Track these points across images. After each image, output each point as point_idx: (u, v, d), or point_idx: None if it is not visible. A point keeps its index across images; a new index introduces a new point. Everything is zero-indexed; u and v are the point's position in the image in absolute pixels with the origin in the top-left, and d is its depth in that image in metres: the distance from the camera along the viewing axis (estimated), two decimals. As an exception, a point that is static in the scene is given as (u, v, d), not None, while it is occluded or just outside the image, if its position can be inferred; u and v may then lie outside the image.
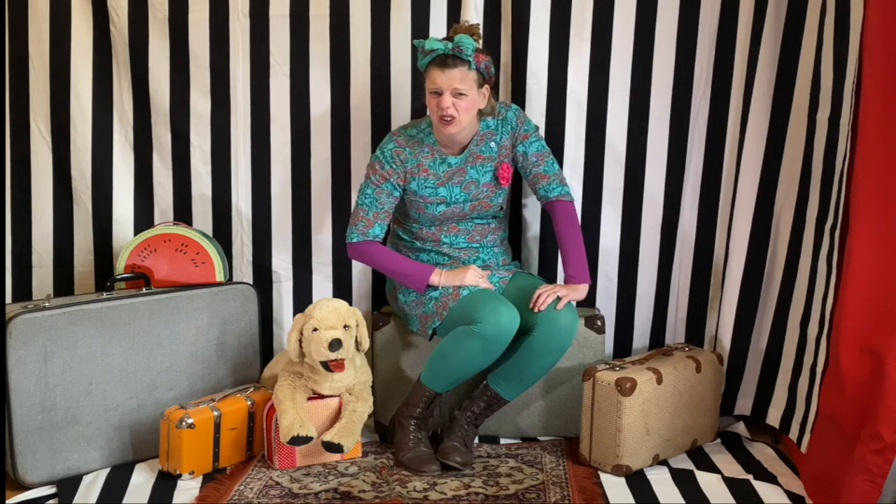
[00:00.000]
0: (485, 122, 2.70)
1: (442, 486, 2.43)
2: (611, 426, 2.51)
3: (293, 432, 2.47)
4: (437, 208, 2.69)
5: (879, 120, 2.14)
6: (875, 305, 2.12)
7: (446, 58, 2.51)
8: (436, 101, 2.55)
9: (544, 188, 2.70)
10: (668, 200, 2.91)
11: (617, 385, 2.49)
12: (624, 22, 2.82)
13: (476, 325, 2.45)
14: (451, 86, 2.52)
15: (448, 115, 2.54)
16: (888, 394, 2.00)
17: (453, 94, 2.53)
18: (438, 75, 2.52)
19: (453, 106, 2.53)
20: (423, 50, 2.54)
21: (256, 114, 2.95)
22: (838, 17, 2.34)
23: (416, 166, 2.66)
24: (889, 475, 2.00)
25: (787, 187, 2.68)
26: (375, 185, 2.66)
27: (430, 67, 2.54)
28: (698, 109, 2.85)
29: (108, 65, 2.95)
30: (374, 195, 2.66)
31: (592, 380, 2.55)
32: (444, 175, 2.67)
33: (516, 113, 2.73)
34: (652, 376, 2.54)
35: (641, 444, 2.54)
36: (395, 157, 2.66)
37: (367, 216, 2.66)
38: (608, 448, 2.52)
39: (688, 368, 2.64)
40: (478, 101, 2.59)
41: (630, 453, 2.51)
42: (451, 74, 2.51)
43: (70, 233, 3.01)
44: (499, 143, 2.71)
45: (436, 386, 2.59)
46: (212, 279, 2.76)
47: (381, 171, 2.66)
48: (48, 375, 2.46)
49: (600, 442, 2.54)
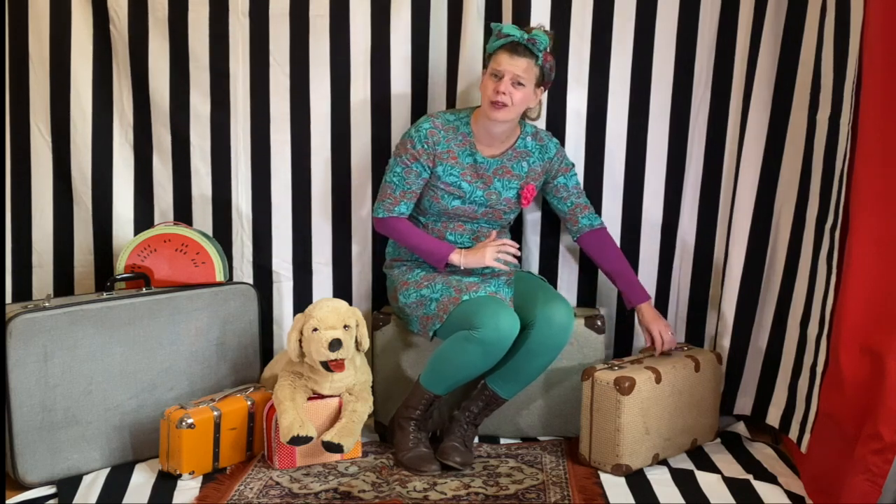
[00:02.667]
0: (523, 140, 2.73)
1: (442, 486, 2.43)
2: (610, 426, 2.51)
3: (293, 432, 2.47)
4: (452, 201, 2.69)
5: (879, 120, 2.14)
6: (875, 305, 2.12)
7: (518, 45, 2.54)
8: (494, 85, 2.56)
9: (588, 217, 2.78)
10: (668, 200, 2.91)
11: (616, 384, 2.49)
12: (624, 21, 2.82)
13: (476, 331, 2.45)
14: (515, 73, 2.55)
15: (502, 100, 2.55)
16: (888, 394, 2.00)
17: (513, 81, 2.55)
18: (506, 59, 2.55)
19: (510, 93, 2.55)
20: (498, 33, 2.57)
21: (256, 114, 2.95)
22: (838, 17, 2.34)
23: (446, 151, 2.67)
24: (889, 475, 2.00)
25: (787, 187, 2.68)
26: (405, 164, 2.67)
27: (499, 51, 2.56)
28: (698, 109, 2.85)
29: (108, 65, 2.95)
30: (403, 174, 2.68)
31: (591, 379, 2.56)
32: (468, 168, 2.68)
33: (557, 146, 2.78)
34: (651, 375, 2.54)
35: (641, 444, 2.54)
36: (430, 137, 2.67)
37: (395, 194, 2.69)
38: (608, 447, 2.52)
39: (687, 368, 2.65)
40: (531, 99, 2.62)
41: (630, 452, 2.51)
42: (518, 62, 2.54)
43: (70, 233, 3.01)
44: (530, 165, 2.73)
45: (435, 388, 2.59)
46: (212, 279, 2.76)
47: (413, 150, 2.67)
48: (48, 375, 2.46)
49: (600, 441, 2.54)
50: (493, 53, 2.58)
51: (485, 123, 2.66)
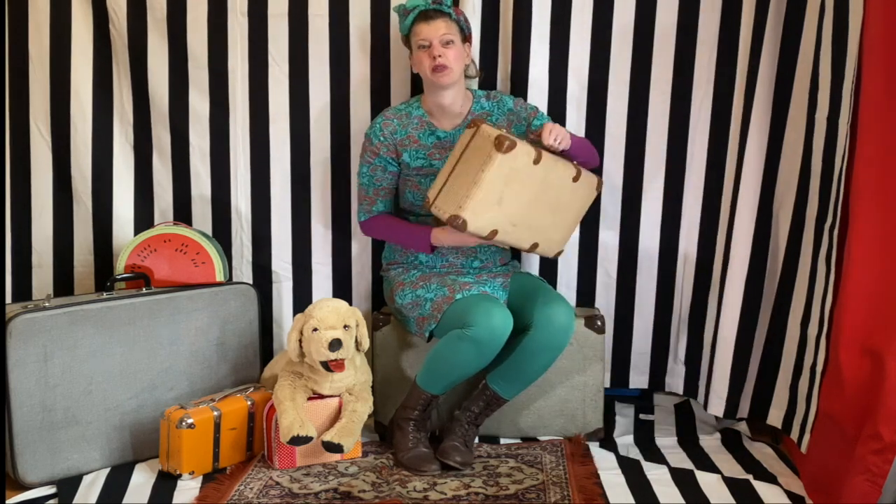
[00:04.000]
0: (478, 103, 2.74)
1: (442, 486, 2.43)
2: (469, 177, 2.42)
3: (293, 432, 2.47)
4: (430, 184, 2.69)
5: (879, 120, 2.14)
6: (875, 305, 2.12)
7: (428, 12, 2.61)
8: (426, 53, 2.61)
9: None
10: (669, 200, 2.91)
11: (496, 140, 2.39)
12: (624, 22, 2.82)
13: (469, 329, 2.45)
14: (439, 35, 2.60)
15: (440, 63, 2.59)
16: (888, 394, 2.00)
17: (442, 42, 2.60)
18: (424, 28, 2.61)
19: (444, 54, 2.59)
20: (404, 11, 2.63)
21: (255, 114, 2.95)
22: (837, 17, 2.34)
23: (405, 138, 2.70)
24: (889, 475, 2.00)
25: (786, 187, 2.68)
26: (368, 162, 2.73)
27: (414, 25, 2.63)
28: (699, 109, 2.85)
29: (108, 65, 2.95)
30: (370, 173, 2.73)
31: (476, 129, 2.47)
32: (433, 146, 2.70)
33: (513, 98, 2.79)
34: (532, 153, 2.44)
35: (488, 210, 2.43)
36: (384, 129, 2.71)
37: (368, 194, 2.75)
38: (455, 196, 2.42)
39: (567, 171, 2.54)
40: (463, 55, 2.66)
41: (473, 210, 2.41)
42: (436, 25, 2.61)
43: (70, 233, 3.02)
44: (494, 124, 2.72)
45: (432, 388, 2.59)
46: (212, 279, 2.76)
47: (371, 146, 2.71)
48: (48, 375, 2.46)
49: (452, 189, 2.45)
50: (411, 31, 2.64)
51: (435, 97, 2.69)
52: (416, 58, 2.66)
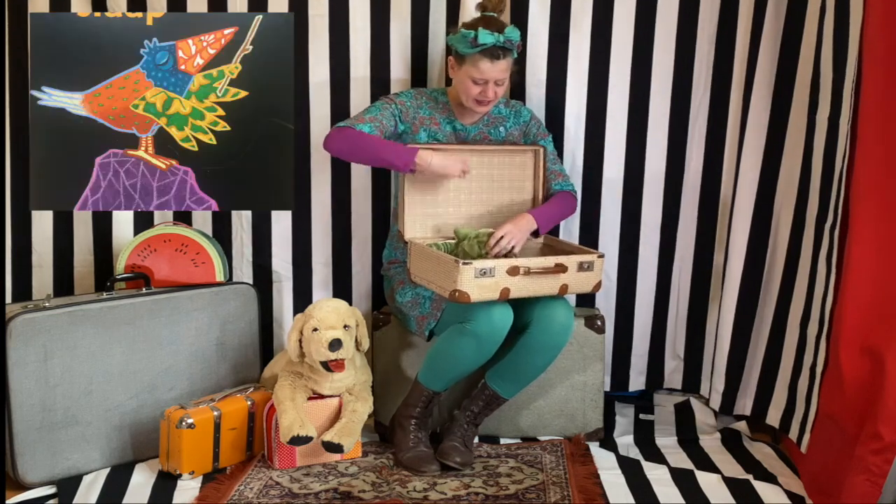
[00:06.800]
0: (497, 108, 2.76)
1: (442, 486, 2.43)
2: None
3: (293, 432, 2.47)
4: None
5: (879, 120, 2.14)
6: (875, 305, 2.12)
7: (497, 49, 2.55)
8: (479, 89, 2.59)
9: (560, 184, 2.76)
10: (668, 200, 2.91)
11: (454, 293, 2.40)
12: (624, 21, 2.82)
13: (469, 324, 2.45)
14: (498, 75, 2.58)
15: (488, 100, 2.61)
16: (888, 394, 2.00)
17: (497, 83, 2.59)
18: (489, 67, 2.56)
19: (494, 92, 2.60)
20: (472, 40, 2.53)
21: (256, 113, 2.95)
22: (838, 17, 2.34)
23: (428, 117, 2.70)
24: (889, 475, 2.00)
25: (787, 187, 2.68)
26: (386, 101, 2.68)
27: (479, 56, 2.55)
28: (698, 109, 2.85)
29: (108, 65, 2.95)
30: (380, 107, 2.66)
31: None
32: (450, 135, 2.72)
33: (531, 112, 2.81)
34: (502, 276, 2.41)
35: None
36: (415, 98, 2.71)
37: (363, 116, 2.63)
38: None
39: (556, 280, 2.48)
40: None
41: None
42: (500, 66, 2.57)
43: (70, 233, 3.01)
44: (507, 130, 2.77)
45: (433, 385, 2.59)
46: (212, 279, 2.76)
47: (396, 98, 2.70)
48: (48, 375, 2.46)
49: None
50: (471, 57, 2.56)
51: (461, 101, 2.68)
52: (463, 78, 2.60)
